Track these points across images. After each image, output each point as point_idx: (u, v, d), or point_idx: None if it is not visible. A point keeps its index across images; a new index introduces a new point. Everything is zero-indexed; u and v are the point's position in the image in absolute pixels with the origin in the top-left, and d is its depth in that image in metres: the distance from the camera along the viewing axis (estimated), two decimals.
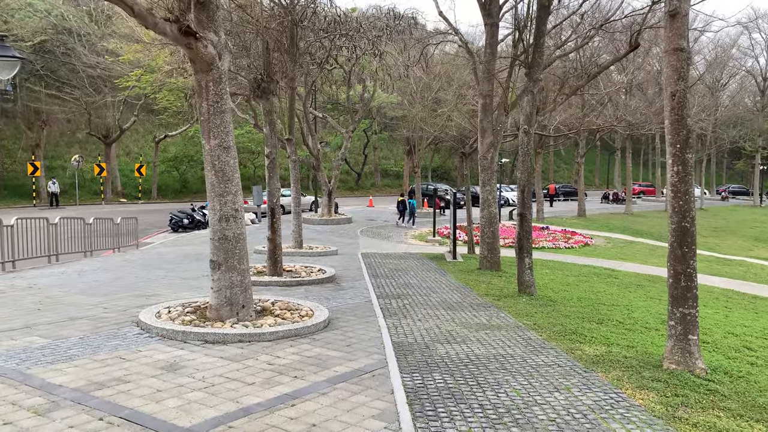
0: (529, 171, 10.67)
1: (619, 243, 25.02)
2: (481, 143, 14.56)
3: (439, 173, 57.21)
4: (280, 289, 9.95)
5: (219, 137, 7.03)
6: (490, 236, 14.27)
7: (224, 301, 7.07)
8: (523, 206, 10.67)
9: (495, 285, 11.84)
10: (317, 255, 15.43)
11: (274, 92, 10.98)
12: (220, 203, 7.09)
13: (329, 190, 26.00)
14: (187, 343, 6.20)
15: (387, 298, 9.61)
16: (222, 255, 7.10)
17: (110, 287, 9.79)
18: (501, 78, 15.49)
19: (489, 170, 14.47)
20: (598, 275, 15.50)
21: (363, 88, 27.95)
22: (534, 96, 10.45)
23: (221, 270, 7.11)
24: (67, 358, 5.52)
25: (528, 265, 10.71)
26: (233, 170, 7.14)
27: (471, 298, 9.99)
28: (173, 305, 7.64)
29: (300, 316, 7.34)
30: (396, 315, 8.24)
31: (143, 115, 41.26)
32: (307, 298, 9.22)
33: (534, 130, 10.38)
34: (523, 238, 10.73)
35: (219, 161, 7.05)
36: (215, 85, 6.94)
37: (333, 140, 45.81)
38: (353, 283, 11.11)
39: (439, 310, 8.80)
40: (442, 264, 14.87)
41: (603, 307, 10.19)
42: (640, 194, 54.59)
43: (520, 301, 9.95)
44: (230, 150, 7.11)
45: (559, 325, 8.15)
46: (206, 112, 7.00)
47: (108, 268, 12.40)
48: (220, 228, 7.11)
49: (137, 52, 24.69)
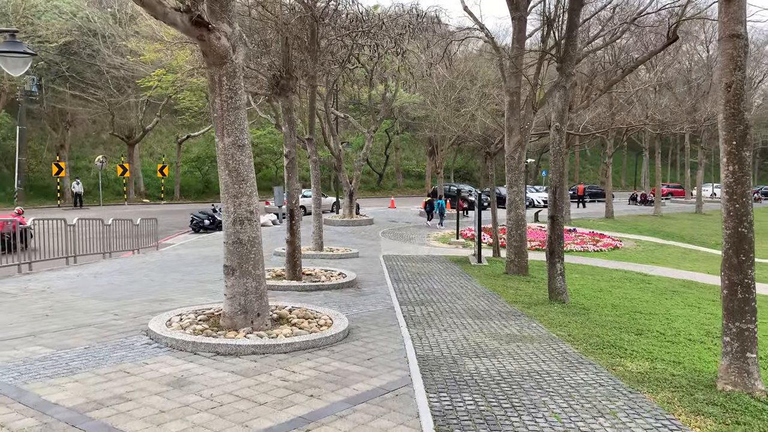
0: (561, 171, 10.10)
1: (650, 246, 24.16)
2: (507, 142, 14.00)
3: (462, 174, 56.49)
4: (299, 295, 9.53)
5: (233, 135, 6.62)
6: (517, 239, 13.70)
7: (238, 308, 6.66)
8: (554, 208, 10.10)
9: (524, 291, 11.29)
10: (338, 257, 15.01)
11: (293, 89, 10.58)
12: (234, 205, 6.69)
13: (350, 190, 25.59)
14: (198, 354, 5.79)
15: (410, 304, 9.13)
16: (236, 260, 6.70)
17: (124, 291, 9.47)
18: (528, 74, 14.89)
19: (516, 170, 13.90)
20: (631, 280, 14.82)
21: (385, 87, 27.50)
22: (566, 91, 9.87)
23: (235, 276, 6.70)
24: (68, 371, 5.14)
25: (559, 270, 10.14)
26: (248, 170, 6.73)
27: (499, 306, 9.46)
28: (186, 312, 7.26)
29: (318, 325, 6.89)
30: (420, 324, 7.75)
31: (166, 115, 41.35)
32: (327, 304, 8.78)
33: (566, 128, 9.82)
34: (555, 242, 10.15)
35: (233, 160, 6.64)
36: (229, 80, 6.54)
37: (355, 141, 45.47)
38: (375, 287, 10.64)
39: (466, 318, 8.28)
40: (466, 268, 14.33)
41: (640, 315, 9.58)
42: (669, 195, 53.19)
43: (551, 309, 9.39)
44: (245, 148, 6.70)
45: (595, 336, 7.59)
46: (219, 108, 6.59)
47: (124, 271, 12.13)
48: (234, 231, 6.70)
49: (157, 51, 24.58)
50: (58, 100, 35.12)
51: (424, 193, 49.28)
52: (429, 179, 51.52)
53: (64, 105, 34.98)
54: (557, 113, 9.92)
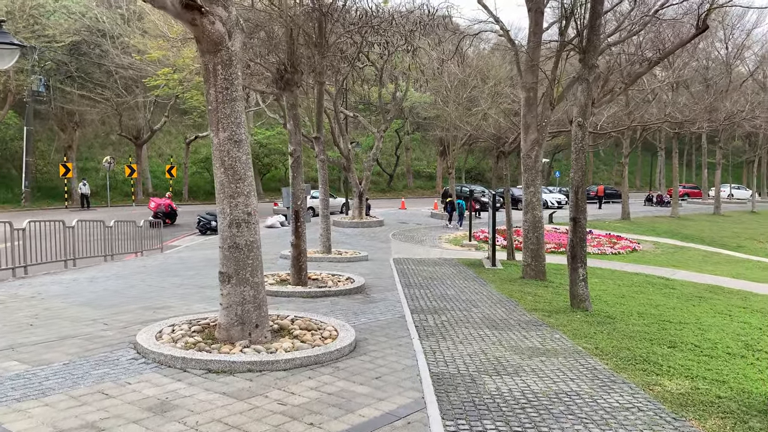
0: (583, 170, 9.45)
1: (669, 248, 23.38)
2: (524, 141, 13.35)
3: (473, 175, 55.73)
4: (303, 301, 8.95)
5: (229, 129, 6.05)
6: (534, 242, 13.05)
7: (235, 319, 6.09)
8: (576, 209, 9.45)
9: (542, 297, 10.64)
10: (346, 261, 14.43)
11: (298, 84, 10.02)
12: (231, 206, 6.11)
13: (360, 191, 25.01)
14: (187, 372, 5.22)
15: (422, 313, 8.52)
16: (233, 266, 6.12)
17: (119, 297, 8.94)
18: (545, 69, 14.22)
19: (533, 170, 13.25)
20: (653, 285, 14.12)
21: (395, 86, 26.91)
22: (589, 85, 9.22)
23: (231, 284, 6.12)
24: (39, 392, 4.59)
25: (582, 276, 9.49)
26: (245, 167, 6.15)
27: (518, 314, 8.82)
28: (179, 322, 6.70)
29: (322, 337, 6.30)
30: (433, 335, 7.13)
31: (175, 116, 41.03)
32: (333, 312, 8.19)
33: (589, 124, 9.19)
34: (577, 245, 9.51)
35: (229, 157, 6.07)
36: (224, 69, 5.97)
37: (364, 141, 44.91)
38: (384, 293, 10.04)
39: (483, 329, 7.66)
40: (480, 272, 13.69)
41: (670, 325, 8.90)
42: (685, 196, 52.13)
43: (574, 318, 8.74)
44: (242, 144, 6.12)
45: (625, 349, 6.94)
46: (214, 100, 6.03)
47: (123, 275, 11.62)
48: (231, 235, 6.12)
49: (161, 48, 24.16)
50: (66, 100, 34.87)
51: (435, 194, 48.63)
52: (440, 180, 50.88)
53: (72, 105, 34.71)
54: (579, 108, 9.27)
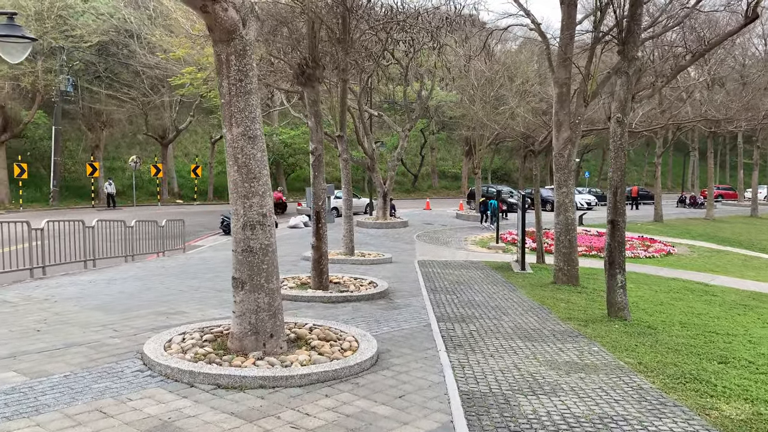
0: (622, 170, 8.84)
1: (705, 252, 22.41)
2: (556, 139, 12.74)
3: (499, 175, 54.85)
4: (324, 307, 8.52)
5: (243, 124, 5.63)
6: (566, 245, 12.43)
7: (248, 328, 5.68)
8: (615, 211, 8.84)
9: (576, 304, 10.04)
10: (369, 263, 13.99)
11: (320, 80, 9.60)
12: (244, 207, 5.70)
13: (384, 191, 24.55)
14: (195, 387, 4.81)
15: (449, 321, 8.01)
16: (246, 271, 5.71)
17: (133, 301, 8.62)
18: (579, 64, 13.58)
19: (566, 169, 12.62)
20: (692, 291, 13.37)
21: (420, 85, 26.39)
22: (629, 78, 8.61)
23: (245, 290, 5.71)
24: (32, 409, 4.22)
25: (620, 283, 8.88)
26: (260, 166, 5.73)
27: (551, 323, 8.26)
28: (191, 330, 6.31)
29: (342, 349, 5.84)
30: (461, 347, 6.63)
31: (201, 115, 41.11)
32: (354, 319, 7.74)
33: (629, 120, 8.58)
34: (615, 250, 8.90)
35: (243, 154, 5.66)
36: (238, 59, 5.56)
37: (389, 140, 44.45)
38: (409, 299, 9.56)
39: (515, 340, 7.13)
40: (509, 276, 13.12)
41: (716, 337, 8.24)
42: (719, 198, 50.50)
43: (612, 328, 8.14)
44: (256, 141, 5.70)
45: (671, 365, 6.34)
46: (227, 93, 5.62)
47: (141, 277, 11.35)
48: (244, 237, 5.71)
49: (184, 46, 24.04)
50: (94, 100, 35.14)
51: (461, 194, 47.89)
52: (465, 180, 50.16)
53: (100, 105, 34.97)
54: (619, 103, 8.66)
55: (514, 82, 31.59)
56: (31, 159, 34.23)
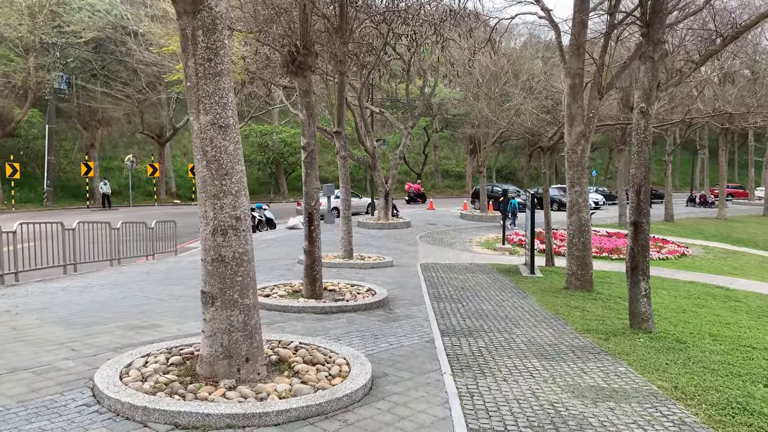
0: (646, 165, 7.96)
1: (720, 254, 21.49)
2: (568, 134, 11.87)
3: (504, 174, 53.92)
4: (315, 319, 7.67)
5: (212, 111, 4.79)
6: (580, 248, 11.55)
7: (220, 351, 4.83)
8: (638, 212, 7.97)
9: (593, 313, 9.18)
10: (369, 267, 13.13)
11: (312, 68, 8.74)
12: (215, 208, 4.85)
13: (386, 191, 23.67)
14: (149, 427, 3.97)
15: (455, 335, 7.16)
16: (217, 284, 4.86)
17: (104, 312, 7.79)
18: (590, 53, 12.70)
19: (579, 166, 11.75)
20: (714, 296, 12.49)
21: (423, 81, 25.50)
22: (655, 64, 7.73)
23: (216, 306, 4.87)
24: None
25: (644, 291, 8.00)
26: (233, 160, 4.89)
27: (568, 337, 7.39)
28: (157, 350, 5.47)
29: (330, 375, 4.99)
30: (470, 369, 5.77)
31: None
32: (348, 334, 6.88)
33: (653, 110, 7.72)
34: (638, 254, 8.02)
35: (212, 147, 4.81)
36: (206, 35, 4.71)
37: (391, 139, 43.58)
38: (410, 308, 8.70)
39: (530, 358, 6.27)
40: (518, 281, 12.25)
41: (754, 352, 7.35)
42: (729, 197, 49.45)
43: (637, 343, 7.27)
44: (228, 131, 4.86)
45: (712, 390, 5.47)
46: (194, 74, 4.78)
47: (121, 283, 10.52)
48: (215, 245, 4.86)
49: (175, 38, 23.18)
50: (89, 98, 34.35)
51: (465, 193, 46.99)
52: (469, 179, 49.30)
53: (95, 103, 34.17)
54: (643, 92, 7.79)
55: (519, 78, 30.69)
56: (25, 158, 33.48)
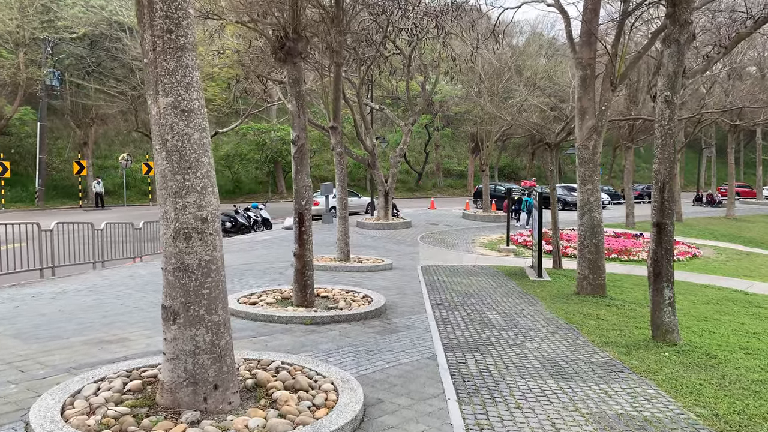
0: (671, 160, 7.19)
1: (733, 255, 20.70)
2: (578, 128, 11.11)
3: (506, 173, 53.10)
4: (304, 331, 6.91)
5: (173, 93, 4.03)
6: (592, 250, 10.78)
7: (183, 377, 4.08)
8: (662, 212, 7.20)
9: (608, 322, 8.42)
10: (367, 270, 12.37)
11: (302, 54, 7.98)
12: (176, 208, 4.09)
13: (386, 190, 22.89)
14: None
15: (460, 350, 6.39)
16: (179, 298, 4.10)
17: (69, 323, 7.03)
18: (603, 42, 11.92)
19: (591, 163, 10.98)
20: (734, 302, 11.71)
21: (424, 77, 24.73)
22: (681, 48, 6.96)
23: (178, 324, 4.11)
24: None
25: (668, 299, 7.24)
26: (199, 151, 4.12)
27: (585, 351, 6.63)
28: (115, 373, 4.72)
29: (313, 405, 4.23)
30: (477, 393, 5.01)
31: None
32: (339, 350, 6.12)
33: (679, 99, 6.97)
34: (662, 259, 7.25)
35: (173, 135, 4.05)
36: (165, 2, 3.95)
37: (392, 137, 42.82)
38: (409, 318, 7.94)
39: (545, 379, 5.50)
40: (525, 285, 11.49)
41: None
42: (737, 196, 48.59)
43: (662, 357, 6.51)
44: (193, 116, 4.10)
45: (759, 419, 4.72)
46: (151, 48, 4.02)
47: (99, 288, 9.76)
48: (176, 251, 4.10)
49: None
50: (82, 95, 33.60)
51: (467, 193, 46.18)
52: (471, 178, 48.51)
53: (87, 100, 33.40)
54: (667, 78, 7.01)
55: (522, 74, 29.94)
56: (16, 157, 32.75)
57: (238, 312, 7.55)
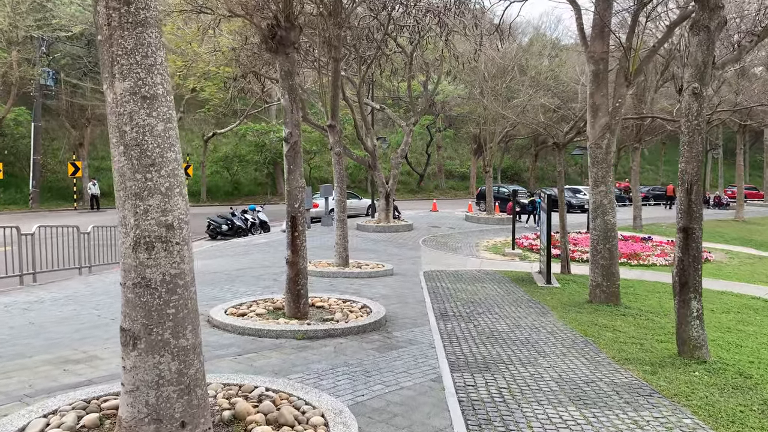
0: (699, 158, 6.55)
1: (746, 259, 20.00)
2: (591, 126, 10.46)
3: (509, 175, 52.42)
4: (295, 348, 6.26)
5: (132, 76, 3.39)
6: (606, 256, 10.12)
7: (144, 413, 3.43)
8: (689, 216, 6.56)
9: (626, 334, 7.77)
10: (366, 276, 11.73)
11: (295, 44, 7.34)
12: (136, 212, 3.45)
13: (387, 192, 22.22)
14: None
15: (468, 370, 5.74)
16: (140, 319, 3.46)
17: (37, 339, 6.39)
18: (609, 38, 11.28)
19: (604, 163, 10.33)
20: (755, 310, 11.05)
21: (426, 77, 24.08)
22: (711, 35, 6.32)
23: (139, 350, 3.47)
24: None
25: (696, 311, 6.58)
26: (163, 145, 3.48)
27: (606, 369, 5.98)
28: (68, 405, 4.07)
29: None
30: (491, 425, 4.35)
31: (198, 112, 38.89)
32: (334, 371, 5.47)
33: (707, 91, 6.32)
34: (689, 267, 6.60)
35: (132, 125, 3.41)
36: None
37: (393, 138, 42.18)
38: (412, 331, 7.29)
39: (565, 405, 4.86)
40: (534, 292, 10.83)
41: None
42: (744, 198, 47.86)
43: (693, 378, 5.86)
44: (156, 103, 3.45)
45: None
46: (105, 23, 3.38)
47: (78, 297, 9.12)
48: (137, 263, 3.46)
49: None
50: (78, 95, 32.97)
51: (469, 195, 45.50)
52: (473, 180, 47.87)
53: (83, 100, 32.78)
54: (696, 68, 6.37)
55: (526, 73, 29.33)
56: (10, 158, 32.13)
57: (225, 325, 6.91)
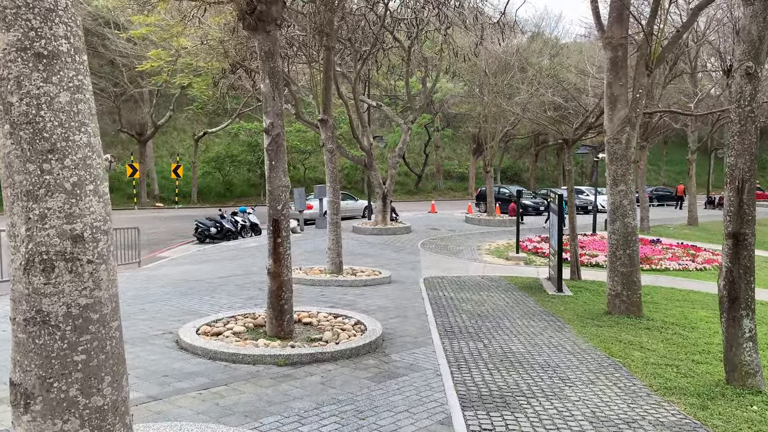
0: (752, 152, 5.60)
1: (762, 263, 18.98)
2: (609, 120, 9.48)
3: (509, 175, 51.45)
4: (274, 379, 5.23)
5: (20, 24, 2.37)
6: (626, 262, 9.13)
7: None
8: (740, 220, 5.57)
9: (656, 353, 6.80)
10: (361, 285, 10.71)
11: (277, 21, 6.33)
12: (28, 218, 2.44)
13: (384, 192, 21.20)
14: None
15: (482, 406, 4.73)
16: (35, 369, 2.45)
17: None
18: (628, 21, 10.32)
19: (624, 160, 9.34)
20: None
21: (425, 73, 23.09)
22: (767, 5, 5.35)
23: (33, 412, 2.45)
24: None
25: (749, 332, 5.60)
26: (69, 123, 2.47)
27: (646, 403, 4.99)
28: None
29: None
30: None
31: (191, 111, 37.83)
32: (319, 410, 4.45)
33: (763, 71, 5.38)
34: (739, 279, 5.62)
35: (21, 95, 2.39)
36: None
37: (390, 137, 41.18)
38: (413, 353, 6.28)
39: None
40: (545, 302, 9.84)
41: None
42: None
43: (752, 416, 4.88)
44: (57, 64, 2.44)
45: None
46: None
47: None
48: (29, 291, 2.45)
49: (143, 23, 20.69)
50: None
51: (468, 196, 44.51)
52: (473, 180, 46.92)
53: None
54: (749, 44, 5.39)
55: (527, 72, 28.40)
56: None
57: (194, 348, 5.89)
